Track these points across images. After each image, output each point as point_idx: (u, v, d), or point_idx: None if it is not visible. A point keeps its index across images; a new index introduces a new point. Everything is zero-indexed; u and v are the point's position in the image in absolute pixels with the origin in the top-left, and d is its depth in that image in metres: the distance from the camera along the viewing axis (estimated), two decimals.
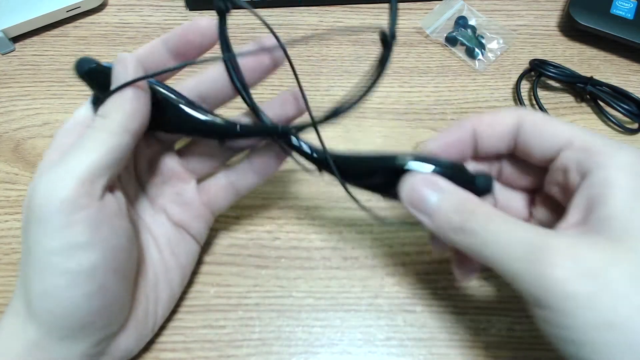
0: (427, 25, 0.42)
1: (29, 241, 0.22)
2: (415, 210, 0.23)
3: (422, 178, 0.23)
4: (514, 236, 0.20)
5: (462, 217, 0.22)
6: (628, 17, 0.40)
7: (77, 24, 0.42)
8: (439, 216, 0.22)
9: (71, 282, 0.21)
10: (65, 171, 0.21)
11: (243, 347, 0.30)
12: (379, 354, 0.30)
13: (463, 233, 0.21)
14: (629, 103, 0.37)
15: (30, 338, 0.23)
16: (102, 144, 0.22)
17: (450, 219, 0.22)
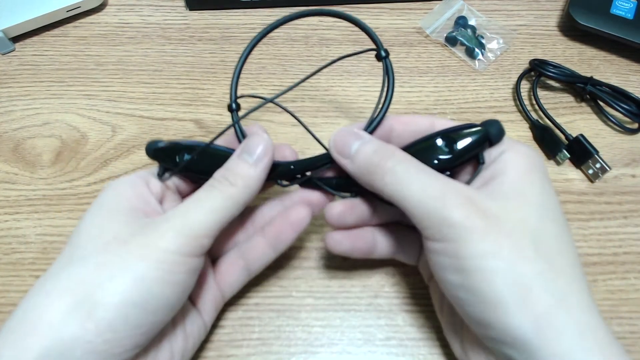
0: (427, 25, 0.42)
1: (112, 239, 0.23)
2: (338, 156, 0.26)
3: (347, 129, 0.26)
4: (426, 179, 0.23)
5: (381, 156, 0.24)
6: (628, 17, 0.40)
7: (77, 24, 0.42)
8: (359, 157, 0.25)
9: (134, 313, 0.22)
10: (182, 224, 0.23)
11: (243, 347, 0.30)
12: (378, 354, 0.30)
13: (381, 171, 0.24)
14: (629, 103, 0.37)
15: None
16: (223, 207, 0.24)
17: (370, 159, 0.24)
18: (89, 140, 0.37)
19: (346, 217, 0.27)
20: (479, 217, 0.22)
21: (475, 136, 0.25)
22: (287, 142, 0.37)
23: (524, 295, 0.21)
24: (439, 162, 0.25)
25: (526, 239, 0.22)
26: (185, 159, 0.26)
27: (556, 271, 0.22)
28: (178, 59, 0.41)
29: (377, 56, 0.27)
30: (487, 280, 0.21)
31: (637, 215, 0.35)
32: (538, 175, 0.24)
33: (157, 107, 0.38)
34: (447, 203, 0.22)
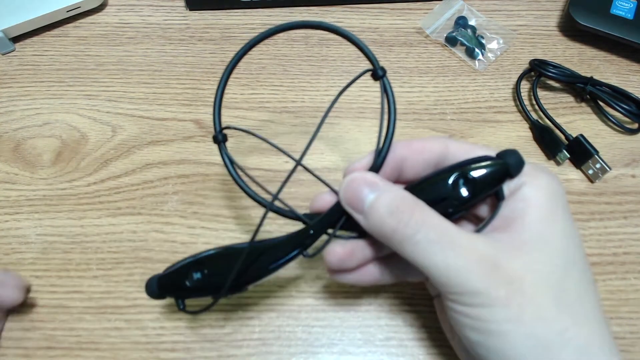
0: (427, 25, 0.42)
1: None
2: (351, 210, 0.24)
3: (357, 178, 0.24)
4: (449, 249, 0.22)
5: (399, 220, 0.22)
6: (628, 17, 0.40)
7: (77, 24, 0.42)
8: (374, 217, 0.23)
9: None
10: None
11: (243, 347, 0.30)
12: (378, 354, 0.30)
13: (399, 238, 0.22)
14: (629, 103, 0.37)
15: None
16: None
17: (387, 222, 0.23)
18: (89, 140, 0.37)
19: (348, 263, 0.25)
20: (502, 286, 0.21)
21: (495, 171, 0.23)
22: (287, 142, 0.37)
23: (545, 355, 0.21)
24: (458, 204, 0.24)
25: (549, 297, 0.22)
26: (195, 277, 0.24)
27: (578, 323, 0.22)
28: (178, 59, 0.41)
29: (373, 76, 0.25)
30: (508, 343, 0.21)
31: (637, 215, 0.35)
32: (561, 212, 0.23)
33: (157, 107, 0.38)
34: (471, 275, 0.22)
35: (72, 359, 0.30)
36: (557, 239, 0.23)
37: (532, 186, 0.23)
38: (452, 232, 0.22)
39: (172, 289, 0.25)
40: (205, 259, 0.25)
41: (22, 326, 0.30)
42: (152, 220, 0.34)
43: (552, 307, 0.22)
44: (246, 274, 0.25)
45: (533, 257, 0.22)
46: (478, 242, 0.22)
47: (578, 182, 0.36)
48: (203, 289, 0.24)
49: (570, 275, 0.23)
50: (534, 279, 0.22)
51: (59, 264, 0.32)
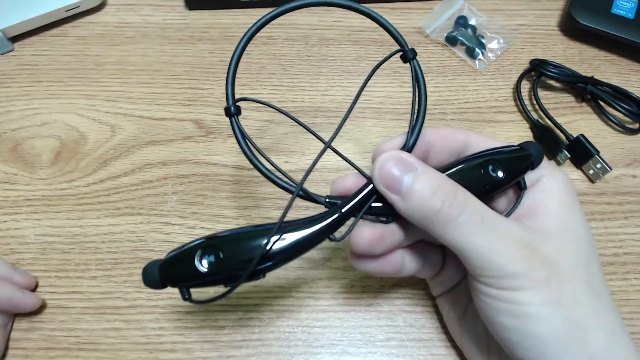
0: (427, 25, 0.42)
1: None
2: (386, 190, 0.22)
3: (393, 156, 0.23)
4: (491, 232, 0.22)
5: (442, 201, 0.22)
6: (629, 17, 0.40)
7: (76, 23, 0.42)
8: (414, 198, 0.22)
9: None
10: None
11: (243, 348, 0.30)
12: (378, 355, 0.30)
13: (442, 219, 0.22)
14: (629, 103, 0.37)
15: None
16: None
17: (429, 203, 0.22)
18: (88, 140, 0.37)
19: (375, 248, 0.24)
20: (541, 268, 0.22)
21: (522, 160, 0.24)
22: (287, 142, 0.37)
23: (581, 337, 0.21)
24: (489, 189, 0.24)
25: (581, 281, 0.22)
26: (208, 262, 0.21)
27: (604, 308, 0.23)
28: (178, 59, 0.41)
29: (402, 57, 0.24)
30: (546, 325, 0.21)
31: (637, 215, 0.35)
32: (577, 204, 0.24)
33: (157, 107, 0.38)
34: (512, 257, 0.22)
35: (71, 359, 0.30)
36: (579, 229, 0.24)
37: (550, 179, 0.25)
38: (492, 215, 0.22)
39: (178, 276, 0.21)
40: (222, 240, 0.21)
41: (21, 327, 0.30)
42: (151, 221, 0.34)
43: (585, 291, 0.22)
44: (269, 259, 0.22)
45: (562, 242, 0.23)
46: (515, 226, 0.23)
47: (579, 182, 0.36)
48: (217, 275, 0.21)
49: (593, 262, 0.24)
50: (568, 263, 0.22)
51: (58, 265, 0.32)
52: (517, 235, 0.22)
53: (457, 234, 0.22)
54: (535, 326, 0.21)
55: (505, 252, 0.22)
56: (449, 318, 0.29)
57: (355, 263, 0.25)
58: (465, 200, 0.22)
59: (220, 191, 0.35)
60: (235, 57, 0.23)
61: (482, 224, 0.22)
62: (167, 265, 0.21)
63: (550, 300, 0.21)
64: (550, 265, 0.22)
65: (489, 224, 0.22)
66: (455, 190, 0.22)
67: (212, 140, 0.37)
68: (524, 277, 0.21)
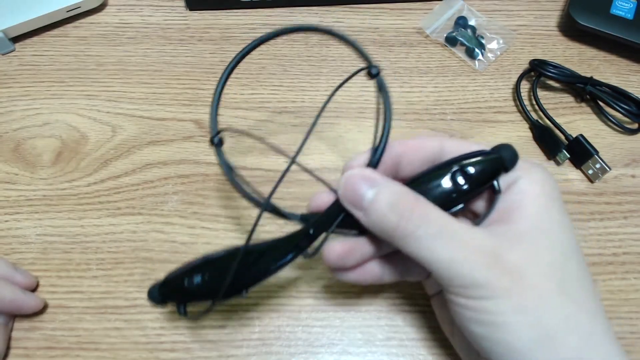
0: (427, 26, 0.42)
1: None
2: (351, 207, 0.23)
3: (356, 174, 0.23)
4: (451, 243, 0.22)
5: (400, 215, 0.22)
6: (628, 17, 0.40)
7: (77, 24, 0.42)
8: (374, 213, 0.23)
9: None
10: None
11: (243, 347, 0.30)
12: (378, 354, 0.30)
13: (400, 234, 0.22)
14: (629, 103, 0.37)
15: None
16: None
17: (387, 218, 0.22)
18: (89, 140, 0.37)
19: (346, 261, 0.25)
20: (505, 277, 0.22)
21: (491, 164, 0.24)
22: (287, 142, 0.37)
23: (551, 343, 0.21)
24: (456, 197, 0.24)
25: (552, 285, 0.22)
26: (195, 282, 0.24)
27: (580, 310, 0.22)
28: (178, 59, 0.41)
29: (368, 74, 0.24)
30: (513, 333, 0.21)
31: (637, 215, 0.35)
32: (556, 204, 0.24)
33: (157, 107, 0.38)
34: (473, 267, 0.22)
35: (72, 359, 0.30)
36: (554, 230, 0.23)
37: (527, 180, 0.24)
38: (453, 225, 0.22)
39: (173, 294, 0.25)
40: (203, 263, 0.25)
41: (22, 326, 0.30)
42: (152, 221, 0.34)
43: (554, 295, 0.22)
44: (245, 277, 0.24)
45: (532, 247, 0.23)
46: (478, 235, 0.23)
47: (578, 182, 0.36)
48: (202, 293, 0.24)
49: (569, 264, 0.23)
50: (535, 268, 0.22)
51: (58, 264, 0.32)
52: (480, 244, 0.22)
53: (417, 247, 0.22)
54: (502, 334, 0.22)
55: (467, 261, 0.22)
56: (441, 318, 0.29)
57: (335, 274, 0.26)
58: (423, 214, 0.22)
59: (220, 191, 0.35)
60: (219, 90, 0.26)
61: (441, 236, 0.22)
62: (164, 288, 0.25)
63: (515, 308, 0.21)
64: (514, 273, 0.22)
65: (448, 235, 0.22)
66: (414, 204, 0.23)
67: None
68: (487, 286, 0.21)
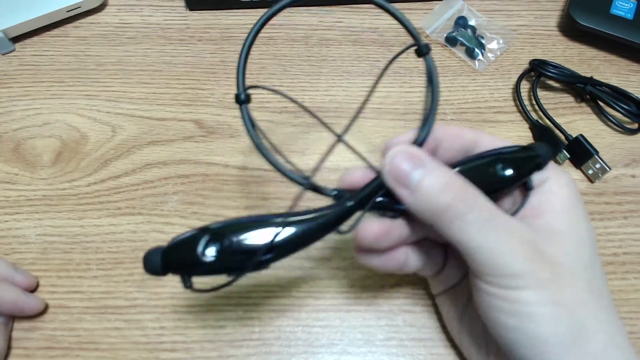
0: (427, 26, 0.42)
1: None
2: (396, 184, 0.22)
3: (404, 150, 0.23)
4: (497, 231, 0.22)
5: (452, 197, 0.22)
6: (628, 17, 0.40)
7: (77, 24, 0.42)
8: (424, 193, 0.22)
9: None
10: None
11: (243, 347, 0.30)
12: (378, 354, 0.30)
13: (450, 216, 0.22)
14: (629, 103, 0.37)
15: None
16: None
17: (438, 198, 0.22)
18: (89, 140, 0.37)
19: (381, 242, 0.24)
20: (545, 268, 0.22)
21: (530, 160, 0.25)
22: (287, 142, 0.37)
23: (582, 337, 0.22)
24: (498, 187, 0.24)
25: (584, 282, 0.23)
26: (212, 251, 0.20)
27: (605, 311, 0.23)
28: (178, 59, 0.41)
29: (417, 52, 0.23)
30: (546, 325, 0.21)
31: (637, 215, 0.35)
32: (581, 206, 0.25)
33: (157, 107, 0.38)
34: (516, 257, 0.22)
35: (72, 359, 0.30)
36: (583, 230, 0.24)
37: (556, 181, 0.25)
38: (500, 214, 0.22)
39: (180, 263, 0.21)
40: (225, 228, 0.21)
41: (22, 326, 0.30)
42: (152, 221, 0.34)
43: (587, 293, 0.22)
44: (274, 250, 0.21)
45: (566, 244, 0.23)
46: (521, 226, 0.23)
47: (578, 182, 0.36)
48: (220, 264, 0.21)
49: (596, 265, 0.24)
50: (571, 264, 0.23)
51: (58, 264, 0.32)
52: (523, 235, 0.22)
53: (465, 232, 0.22)
54: (536, 326, 0.21)
55: (511, 251, 0.22)
56: (449, 317, 0.29)
57: (360, 257, 0.25)
58: (474, 198, 0.22)
59: (220, 191, 0.35)
60: (248, 43, 0.23)
61: (490, 222, 0.22)
62: (169, 252, 0.21)
63: (553, 301, 0.21)
64: (554, 266, 0.22)
65: (496, 223, 0.22)
66: (465, 187, 0.22)
67: (212, 141, 0.37)
68: (527, 276, 0.21)
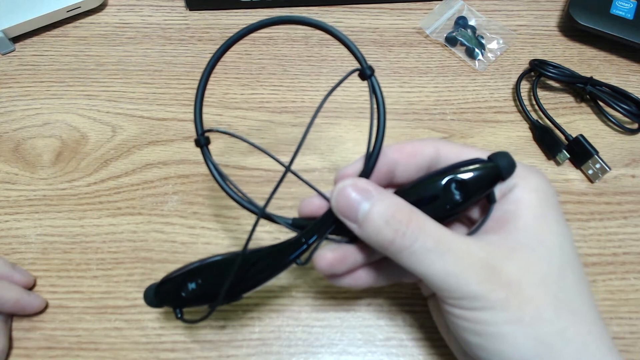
0: (427, 26, 0.42)
1: None
2: (344, 219, 0.23)
3: (349, 185, 0.23)
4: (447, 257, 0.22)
5: (395, 229, 0.22)
6: (628, 17, 0.40)
7: (77, 24, 0.42)
8: (369, 227, 0.22)
9: None
10: None
11: (243, 347, 0.30)
12: (378, 354, 0.30)
13: (396, 248, 0.22)
14: (628, 103, 0.37)
15: None
16: None
17: (383, 232, 0.22)
18: (89, 140, 0.37)
19: (338, 268, 0.25)
20: (501, 289, 0.22)
21: (487, 174, 0.23)
22: (287, 142, 0.37)
23: (547, 354, 0.21)
24: (451, 208, 0.23)
25: (548, 298, 0.22)
26: (190, 288, 0.24)
27: (577, 320, 0.22)
28: (178, 59, 0.41)
29: (360, 75, 0.23)
30: (510, 344, 0.21)
31: (636, 215, 0.35)
32: (553, 212, 0.24)
33: (157, 107, 0.38)
34: (469, 280, 0.22)
35: (72, 359, 0.30)
36: (551, 239, 0.23)
37: (524, 188, 0.24)
38: (449, 238, 0.22)
39: (169, 298, 0.25)
40: (199, 269, 0.25)
41: (22, 326, 0.30)
42: (152, 221, 0.34)
43: (551, 308, 0.22)
44: (240, 284, 0.24)
45: (529, 258, 0.22)
46: (474, 246, 0.22)
47: (578, 182, 0.36)
48: (198, 298, 0.24)
49: (566, 274, 0.23)
50: (532, 280, 0.22)
51: (58, 264, 0.32)
52: (475, 256, 0.22)
53: (413, 261, 0.22)
54: (499, 344, 0.22)
55: (463, 275, 0.22)
56: (438, 319, 0.29)
57: (329, 280, 0.26)
58: (419, 227, 0.22)
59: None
60: (201, 88, 0.25)
61: (437, 250, 0.22)
62: (160, 290, 0.25)
63: (512, 320, 0.21)
64: (511, 285, 0.22)
65: (444, 249, 0.22)
66: (409, 217, 0.22)
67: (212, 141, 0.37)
68: (483, 298, 0.21)
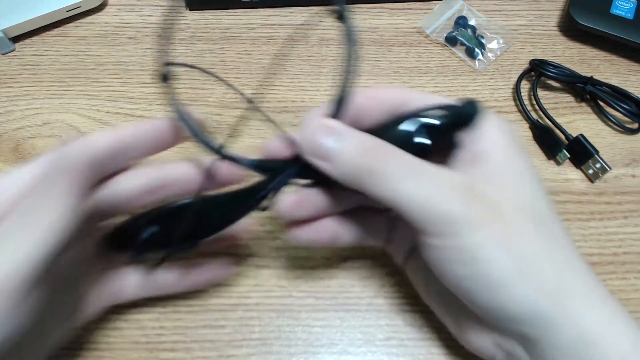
0: (427, 25, 0.42)
1: None
2: (315, 159, 0.23)
3: (318, 123, 0.23)
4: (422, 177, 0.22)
5: (370, 157, 0.22)
6: (628, 17, 0.40)
7: (77, 23, 0.42)
8: (343, 161, 0.22)
9: None
10: None
11: (243, 347, 0.30)
12: (378, 354, 0.30)
13: (372, 176, 0.22)
14: (629, 103, 0.37)
15: None
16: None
17: (358, 163, 0.22)
18: None
19: (300, 212, 0.25)
20: (481, 209, 0.21)
21: (454, 117, 0.23)
22: None
23: (534, 273, 0.21)
24: (417, 152, 0.23)
25: (527, 218, 0.22)
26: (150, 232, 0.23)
27: (555, 243, 0.23)
28: (178, 59, 0.41)
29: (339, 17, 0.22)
30: (496, 265, 0.21)
31: (637, 215, 0.35)
32: (518, 147, 0.24)
33: (157, 107, 0.38)
34: (450, 202, 0.21)
35: (72, 358, 0.30)
36: (522, 173, 0.23)
37: (488, 127, 0.24)
38: (425, 165, 0.22)
39: (127, 241, 0.24)
40: (158, 213, 0.24)
41: None
42: None
43: (531, 228, 0.22)
44: (199, 229, 0.24)
45: (505, 184, 0.23)
46: (450, 172, 0.23)
47: (578, 182, 0.36)
48: (156, 243, 0.24)
49: (540, 203, 0.23)
50: (511, 203, 0.22)
51: None
52: (454, 179, 0.22)
53: (389, 188, 0.21)
54: (484, 268, 0.21)
55: (443, 197, 0.21)
56: (416, 282, 0.29)
57: (290, 234, 0.26)
58: (395, 156, 0.22)
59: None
60: None
61: (413, 174, 0.22)
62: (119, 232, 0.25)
63: (497, 240, 0.21)
64: (494, 205, 0.22)
65: (423, 173, 0.22)
66: (384, 148, 0.22)
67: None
68: (466, 220, 0.21)
